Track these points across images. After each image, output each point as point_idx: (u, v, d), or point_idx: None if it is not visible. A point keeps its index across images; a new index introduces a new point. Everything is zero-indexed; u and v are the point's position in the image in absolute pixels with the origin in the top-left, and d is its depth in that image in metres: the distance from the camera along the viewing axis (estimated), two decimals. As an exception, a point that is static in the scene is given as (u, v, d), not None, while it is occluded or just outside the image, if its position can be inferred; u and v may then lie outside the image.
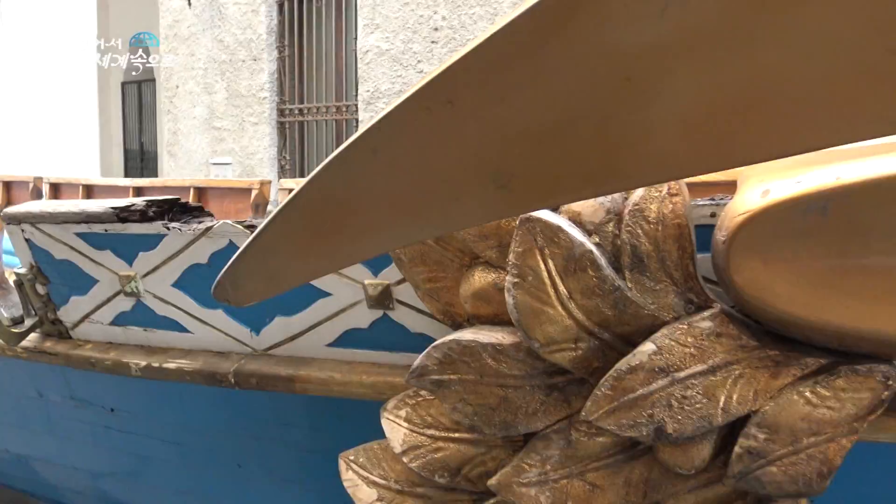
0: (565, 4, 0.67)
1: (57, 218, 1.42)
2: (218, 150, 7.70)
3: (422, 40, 6.19)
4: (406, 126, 0.76)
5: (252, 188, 3.70)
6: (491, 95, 0.72)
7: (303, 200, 0.81)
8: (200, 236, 1.28)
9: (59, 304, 1.56)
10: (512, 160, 0.76)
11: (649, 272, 0.89)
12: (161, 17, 8.24)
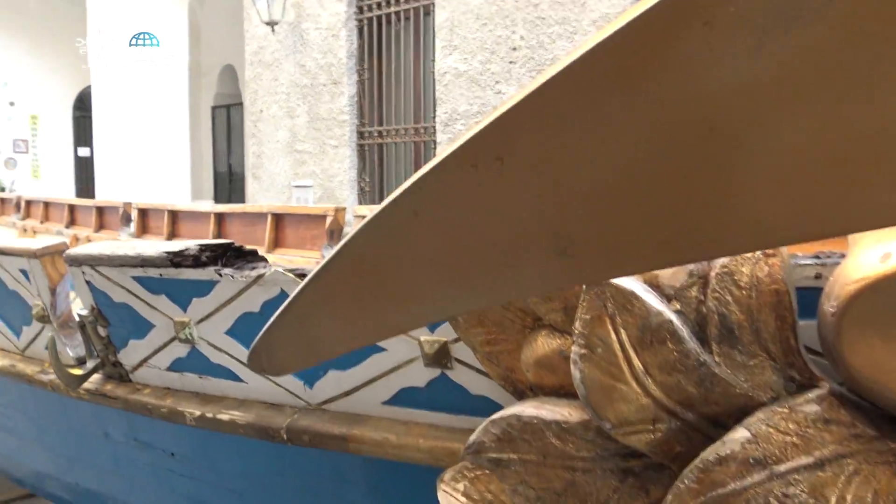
0: (636, 44, 0.55)
1: (114, 261, 1.39)
2: (299, 173, 7.80)
3: (500, 61, 6.11)
4: (449, 185, 0.65)
5: (327, 215, 3.68)
6: (547, 150, 0.61)
7: (339, 264, 0.72)
8: (252, 284, 1.22)
9: (119, 347, 1.53)
10: (573, 224, 0.65)
11: (741, 345, 0.75)
12: (246, 43, 8.46)
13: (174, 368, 1.45)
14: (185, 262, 1.28)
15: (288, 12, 7.65)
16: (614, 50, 0.57)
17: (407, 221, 0.69)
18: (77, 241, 5.57)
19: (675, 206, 0.63)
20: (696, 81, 0.56)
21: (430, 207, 0.67)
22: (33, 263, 1.62)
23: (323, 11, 7.41)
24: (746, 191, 0.60)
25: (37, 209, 6.44)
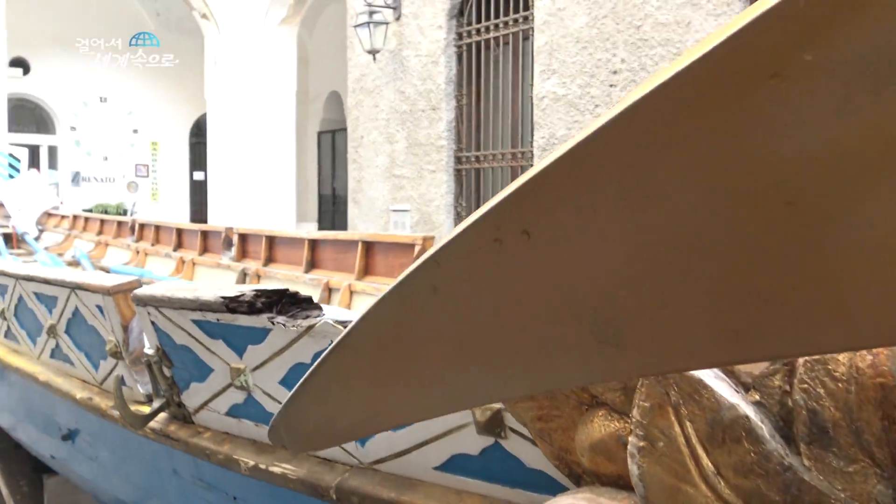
0: (686, 99, 0.45)
1: (175, 303, 1.36)
2: (397, 198, 7.86)
3: (600, 84, 5.96)
4: (471, 260, 0.56)
5: (415, 244, 3.64)
6: (582, 222, 0.50)
7: (357, 338, 0.64)
8: (303, 334, 1.16)
9: (182, 389, 1.51)
10: (617, 307, 0.53)
11: (837, 447, 0.62)
12: (349, 71, 8.63)
13: (232, 414, 1.41)
14: (240, 308, 1.24)
15: (389, 40, 7.76)
16: (661, 106, 0.46)
17: (426, 298, 0.60)
18: (183, 263, 5.78)
19: (743, 291, 0.51)
20: (765, 146, 0.44)
21: (451, 284, 0.58)
22: (107, 300, 1.63)
23: (423, 39, 7.47)
24: (837, 276, 0.48)
25: (149, 232, 6.74)
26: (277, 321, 1.19)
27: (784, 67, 0.42)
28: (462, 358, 0.61)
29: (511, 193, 0.51)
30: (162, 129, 16.27)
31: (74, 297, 1.79)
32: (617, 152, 0.48)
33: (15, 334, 2.31)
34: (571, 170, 0.49)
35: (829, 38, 0.38)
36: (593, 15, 5.98)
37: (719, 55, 0.42)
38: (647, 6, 5.60)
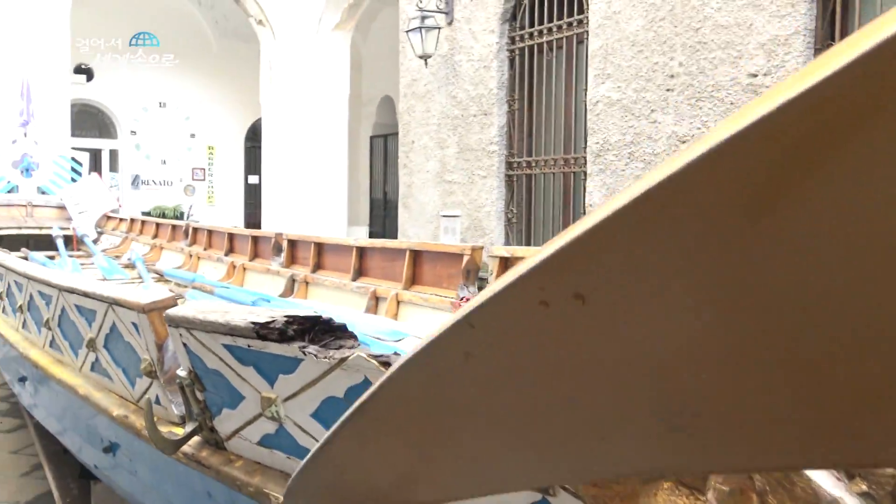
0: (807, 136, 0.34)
1: (206, 326, 1.29)
2: (448, 203, 7.78)
3: (656, 88, 5.77)
4: (511, 325, 0.46)
5: (464, 254, 3.55)
6: (651, 287, 0.40)
7: (378, 405, 0.54)
8: (335, 367, 1.07)
9: (214, 414, 1.44)
10: (692, 390, 0.43)
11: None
12: (401, 76, 8.59)
13: (264, 444, 1.34)
14: (270, 335, 1.16)
15: (441, 45, 7.69)
16: (763, 147, 0.36)
17: (457, 364, 0.50)
18: (234, 268, 5.79)
19: (853, 381, 0.40)
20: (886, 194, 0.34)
21: (487, 350, 0.48)
22: (141, 318, 1.57)
23: (475, 43, 7.38)
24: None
25: (202, 236, 6.79)
26: (309, 351, 1.11)
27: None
28: (499, 436, 0.51)
29: (560, 249, 0.41)
30: (218, 133, 16.54)
31: (112, 312, 1.75)
32: (694, 203, 0.37)
33: (59, 345, 2.30)
34: (636, 223, 0.38)
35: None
36: (650, 18, 5.80)
37: (837, 85, 0.31)
38: (707, 8, 5.41)
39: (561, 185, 6.88)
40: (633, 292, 0.41)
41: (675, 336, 0.40)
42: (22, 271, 2.54)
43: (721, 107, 5.32)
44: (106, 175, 15.39)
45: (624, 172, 5.99)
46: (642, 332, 0.41)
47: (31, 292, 2.47)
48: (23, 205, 9.42)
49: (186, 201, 16.25)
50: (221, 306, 1.34)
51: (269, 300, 4.39)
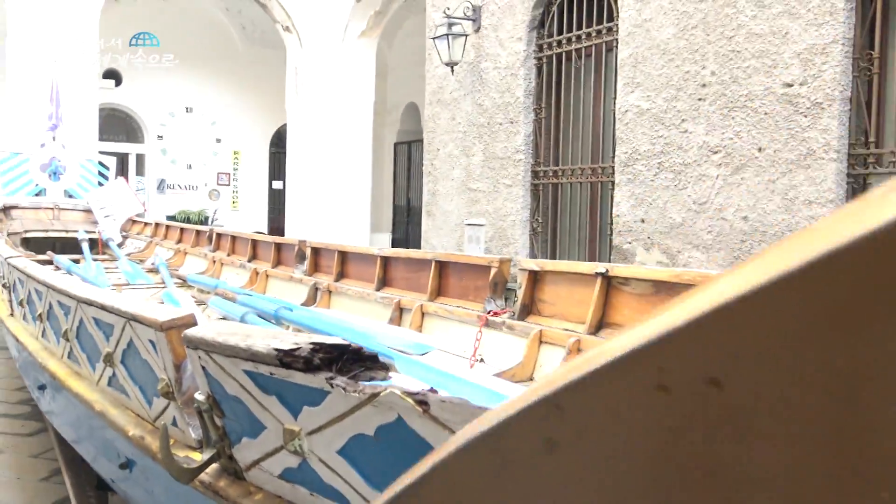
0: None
1: (226, 350, 1.20)
2: (473, 212, 7.68)
3: (687, 98, 5.64)
4: (614, 410, 0.35)
5: (491, 266, 3.44)
6: (791, 374, 0.30)
7: (424, 495, 0.44)
8: (366, 403, 0.97)
9: (233, 441, 1.35)
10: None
11: None
12: (427, 83, 8.52)
13: (286, 478, 1.24)
14: (295, 363, 1.06)
15: (468, 52, 7.60)
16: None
17: (538, 455, 0.39)
18: (256, 275, 5.73)
19: None
20: None
21: (579, 441, 0.37)
22: (159, 336, 1.49)
23: (502, 51, 7.28)
24: None
25: (225, 242, 6.75)
26: (336, 384, 1.01)
27: None
28: None
29: (686, 324, 0.31)
30: (244, 138, 16.59)
31: (129, 328, 1.66)
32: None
33: (77, 357, 2.22)
34: (785, 304, 0.29)
35: None
36: (682, 26, 5.67)
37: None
38: (741, 16, 5.27)
39: (588, 194, 6.75)
40: (773, 378, 0.31)
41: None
42: (42, 279, 2.48)
43: (754, 117, 5.18)
44: (132, 179, 15.48)
45: (653, 183, 5.86)
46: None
47: (51, 301, 2.41)
48: (50, 208, 9.46)
49: (211, 206, 16.30)
50: (243, 328, 1.25)
51: (292, 309, 4.31)
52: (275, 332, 1.21)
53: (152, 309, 1.57)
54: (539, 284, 3.17)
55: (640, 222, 5.95)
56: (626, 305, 2.69)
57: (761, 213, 5.13)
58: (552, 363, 2.85)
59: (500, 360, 3.18)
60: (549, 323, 3.03)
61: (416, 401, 0.90)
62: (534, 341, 2.94)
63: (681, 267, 5.64)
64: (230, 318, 4.39)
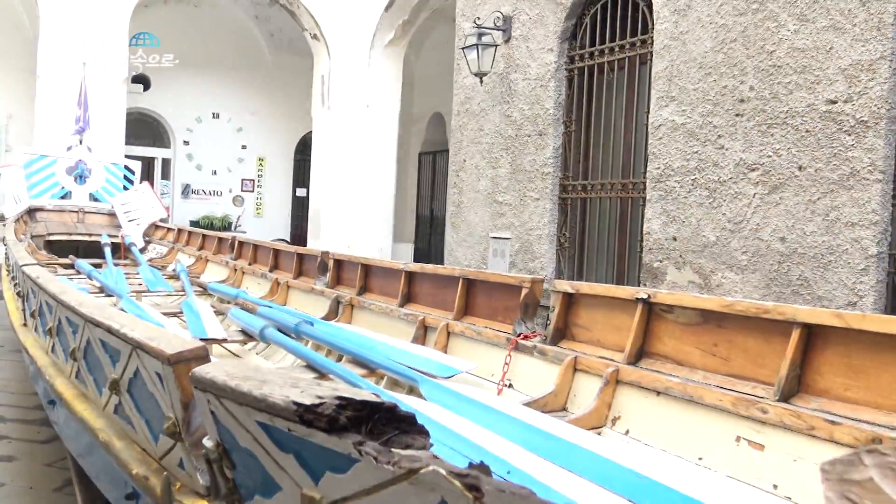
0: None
1: (238, 397, 1.03)
2: (498, 225, 7.50)
3: (724, 113, 5.42)
4: None
5: (523, 286, 3.25)
6: None
7: None
8: (402, 479, 0.80)
9: (245, 498, 1.18)
10: None
11: None
12: (454, 93, 8.36)
13: (304, 548, 1.07)
14: (317, 421, 0.89)
15: (497, 63, 7.44)
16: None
17: None
18: (277, 285, 5.59)
19: None
20: None
21: None
22: (166, 370, 1.32)
23: (532, 62, 7.11)
24: None
25: (247, 251, 6.62)
26: (366, 451, 0.84)
27: None
28: None
29: None
30: (269, 145, 16.53)
31: (136, 356, 1.50)
32: None
33: (84, 378, 2.07)
34: None
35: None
36: (720, 39, 5.47)
37: None
38: (783, 30, 5.06)
39: (617, 210, 6.54)
40: None
41: None
42: (52, 292, 2.33)
43: (795, 134, 4.95)
44: (158, 183, 15.47)
45: (686, 200, 5.64)
46: None
47: (60, 317, 2.26)
48: (75, 211, 9.42)
49: (235, 212, 16.24)
50: (258, 372, 1.08)
51: (313, 323, 4.15)
52: (295, 378, 1.04)
53: (161, 337, 1.40)
54: (574, 307, 2.98)
55: (671, 240, 5.73)
56: (668, 335, 2.50)
57: (800, 234, 4.90)
58: (587, 393, 2.65)
59: (529, 387, 2.99)
60: (585, 349, 2.84)
61: (465, 485, 0.72)
62: (567, 368, 2.75)
63: (714, 287, 5.42)
64: (249, 330, 4.24)
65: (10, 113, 13.55)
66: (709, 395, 2.17)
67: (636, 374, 2.48)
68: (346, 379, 3.05)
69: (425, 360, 3.27)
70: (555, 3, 6.90)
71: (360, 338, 3.80)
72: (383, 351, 3.51)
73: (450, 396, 2.84)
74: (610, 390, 2.51)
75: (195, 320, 4.56)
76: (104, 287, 5.82)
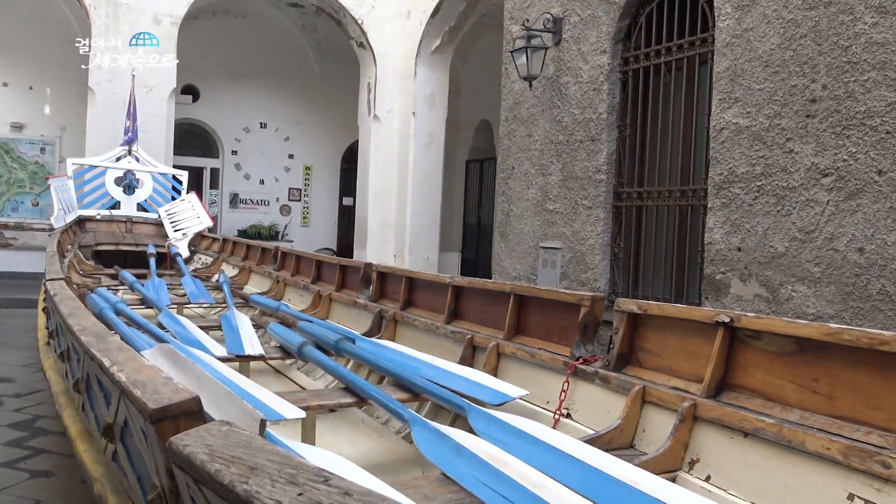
0: None
1: (218, 489, 0.74)
2: (548, 234, 7.14)
3: (793, 115, 4.98)
4: None
5: (581, 304, 2.90)
6: None
7: None
8: None
9: None
10: None
11: None
12: (503, 99, 8.03)
13: None
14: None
15: (547, 67, 7.10)
16: None
17: None
18: (319, 298, 5.33)
19: None
20: None
21: None
22: (149, 429, 1.04)
23: (584, 65, 6.75)
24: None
25: (290, 262, 6.41)
26: None
27: None
28: None
29: None
30: (315, 154, 16.42)
31: (124, 403, 1.23)
32: None
33: (88, 414, 1.81)
34: None
35: None
36: (788, 35, 5.04)
37: None
38: (859, 23, 4.61)
39: (676, 219, 6.13)
40: None
41: None
42: (61, 312, 2.08)
43: (874, 136, 4.50)
44: (206, 193, 15.48)
45: (752, 208, 5.21)
46: None
47: (69, 342, 2.01)
48: (123, 221, 9.37)
49: (282, 221, 16.16)
50: (251, 451, 0.78)
51: (355, 339, 3.87)
52: (296, 468, 0.73)
53: (149, 383, 1.12)
54: (640, 329, 2.63)
55: (735, 251, 5.30)
56: (756, 365, 2.13)
57: (880, 244, 4.44)
58: (659, 429, 2.30)
59: (590, 418, 2.65)
60: (653, 378, 2.48)
61: None
62: (635, 399, 2.40)
63: (783, 301, 4.98)
64: (288, 347, 3.98)
65: (64, 125, 13.69)
66: (811, 440, 1.81)
67: (718, 411, 2.11)
68: (387, 405, 2.75)
69: (474, 384, 2.95)
70: (608, 2, 6.54)
71: (404, 357, 3.50)
72: (428, 373, 3.21)
73: (501, 429, 2.51)
74: (686, 428, 2.15)
75: (233, 335, 4.33)
76: (145, 298, 5.65)
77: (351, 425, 3.34)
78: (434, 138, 12.19)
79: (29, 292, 11.10)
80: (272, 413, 2.50)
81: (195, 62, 13.50)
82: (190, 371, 2.00)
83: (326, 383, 4.18)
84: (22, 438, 4.79)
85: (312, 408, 2.85)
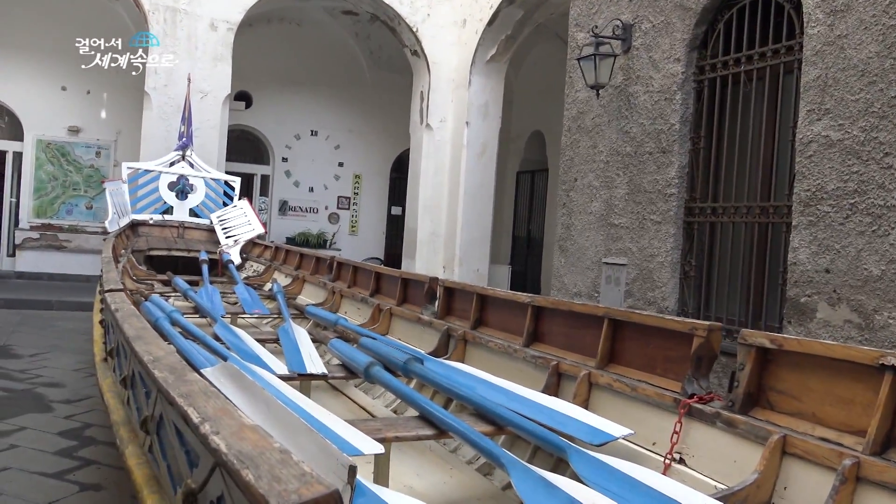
0: None
1: None
2: (612, 250, 6.76)
3: (893, 128, 4.55)
4: None
5: (693, 333, 2.54)
6: None
7: None
8: None
9: None
10: None
11: None
12: (566, 108, 7.68)
13: None
14: None
15: (615, 75, 6.74)
16: None
17: None
18: (379, 312, 5.04)
19: None
20: None
21: None
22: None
23: (656, 73, 6.37)
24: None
25: (346, 272, 6.13)
26: None
27: None
28: None
29: None
30: (365, 163, 16.23)
31: (221, 476, 0.92)
32: None
33: (157, 461, 1.51)
34: None
35: None
36: (888, 42, 4.61)
37: None
38: (974, 29, 4.18)
39: (754, 237, 5.70)
40: None
41: None
42: (126, 334, 1.80)
43: None
44: (256, 200, 15.38)
45: (843, 227, 4.77)
46: None
47: (134, 369, 1.73)
48: (175, 226, 9.23)
49: (331, 229, 15.98)
50: None
51: (423, 359, 3.55)
52: None
53: (261, 458, 0.81)
54: (771, 367, 2.26)
55: (823, 272, 4.87)
56: (935, 419, 1.76)
57: None
58: (807, 489, 1.93)
59: (709, 466, 2.29)
60: (792, 425, 2.12)
61: None
62: (774, 451, 2.03)
63: (878, 329, 4.54)
64: (352, 366, 3.68)
65: (120, 129, 13.70)
66: None
67: (891, 473, 1.75)
68: (476, 443, 2.42)
69: (570, 419, 2.61)
70: (683, 8, 6.16)
71: (480, 383, 3.17)
72: (511, 402, 2.87)
73: (610, 477, 2.16)
74: (848, 492, 1.78)
75: (293, 351, 4.04)
76: (199, 307, 5.42)
77: (417, 452, 3.01)
78: (487, 148, 11.88)
79: (81, 294, 11.05)
80: (349, 447, 2.20)
81: (249, 68, 13.41)
82: (259, 397, 1.70)
83: (386, 402, 3.87)
84: (71, 448, 4.60)
85: (388, 439, 2.54)
